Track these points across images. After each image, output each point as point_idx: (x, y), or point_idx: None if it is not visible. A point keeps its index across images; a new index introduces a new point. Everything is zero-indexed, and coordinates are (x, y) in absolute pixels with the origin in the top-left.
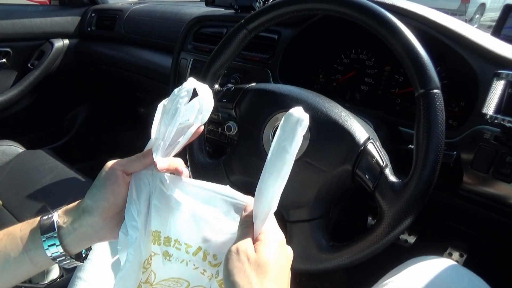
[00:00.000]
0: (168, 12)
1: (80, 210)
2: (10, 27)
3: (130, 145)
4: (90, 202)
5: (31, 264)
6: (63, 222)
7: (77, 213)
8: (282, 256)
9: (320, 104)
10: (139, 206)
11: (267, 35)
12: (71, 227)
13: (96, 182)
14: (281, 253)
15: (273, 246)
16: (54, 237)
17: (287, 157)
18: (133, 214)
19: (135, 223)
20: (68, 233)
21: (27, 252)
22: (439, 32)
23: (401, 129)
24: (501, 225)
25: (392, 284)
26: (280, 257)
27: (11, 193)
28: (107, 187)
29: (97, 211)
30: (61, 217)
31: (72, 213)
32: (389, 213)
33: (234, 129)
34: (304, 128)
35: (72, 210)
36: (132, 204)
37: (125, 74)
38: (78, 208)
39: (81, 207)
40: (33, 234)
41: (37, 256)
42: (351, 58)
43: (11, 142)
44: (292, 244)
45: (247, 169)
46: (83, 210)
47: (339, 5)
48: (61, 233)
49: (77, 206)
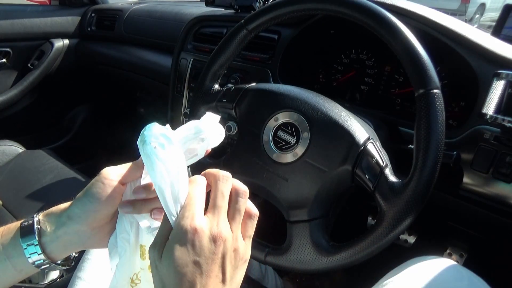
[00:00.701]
0: (168, 12)
1: (64, 217)
2: (10, 27)
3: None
4: (78, 211)
5: (15, 271)
6: (45, 228)
7: (61, 219)
8: (188, 254)
9: (320, 104)
10: (132, 217)
11: (267, 35)
12: (54, 235)
13: (88, 191)
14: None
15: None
16: (36, 245)
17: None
18: (126, 226)
19: (127, 236)
20: (51, 241)
21: (9, 259)
22: (439, 32)
23: (401, 129)
24: (501, 225)
25: (392, 284)
26: (184, 256)
27: (11, 193)
28: (100, 199)
29: (85, 220)
30: (42, 222)
31: (56, 218)
32: (389, 213)
33: (234, 129)
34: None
35: (56, 216)
36: (126, 215)
37: (125, 74)
38: (62, 214)
39: (65, 213)
40: (13, 241)
41: (20, 264)
42: (351, 58)
43: (11, 142)
44: (292, 244)
45: (247, 169)
46: (68, 217)
47: (339, 5)
48: (43, 241)
49: (61, 212)
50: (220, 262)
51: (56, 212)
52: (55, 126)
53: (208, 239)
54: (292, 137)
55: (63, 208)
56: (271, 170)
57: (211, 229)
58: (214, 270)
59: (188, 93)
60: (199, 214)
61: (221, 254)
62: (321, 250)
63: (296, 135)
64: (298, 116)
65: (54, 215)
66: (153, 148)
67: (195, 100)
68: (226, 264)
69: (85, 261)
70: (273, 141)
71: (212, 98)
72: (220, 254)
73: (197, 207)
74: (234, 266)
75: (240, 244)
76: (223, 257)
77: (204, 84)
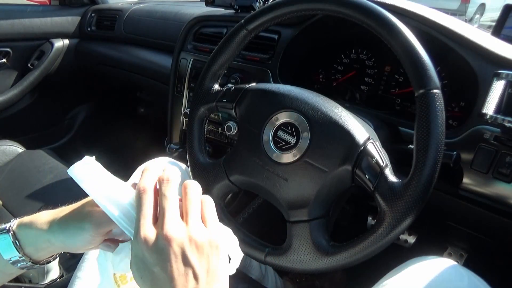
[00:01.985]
0: (168, 12)
1: (44, 240)
2: (10, 27)
3: (130, 145)
4: (57, 243)
5: (4, 275)
6: (24, 241)
7: (42, 239)
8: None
9: (320, 104)
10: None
11: (267, 35)
12: (36, 247)
13: (73, 237)
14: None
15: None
16: (21, 260)
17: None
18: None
19: (104, 263)
20: (36, 252)
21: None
22: (439, 32)
23: (401, 129)
24: (501, 225)
25: (392, 284)
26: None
27: (11, 193)
28: (80, 247)
29: (64, 248)
30: (21, 237)
31: (34, 237)
32: (389, 213)
33: (234, 129)
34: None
35: (34, 235)
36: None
37: (125, 74)
38: (42, 236)
39: (45, 237)
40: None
41: (9, 270)
42: (351, 58)
43: (11, 142)
44: (292, 244)
45: (247, 169)
46: (48, 240)
47: (339, 5)
48: (27, 252)
49: (40, 233)
50: (180, 260)
51: (33, 228)
52: (55, 126)
53: (155, 244)
54: (292, 137)
55: (42, 226)
56: (271, 170)
57: (158, 234)
58: (176, 270)
59: (188, 93)
60: (146, 224)
61: (177, 252)
62: (321, 250)
63: (296, 135)
64: (298, 116)
65: (33, 233)
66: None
67: (195, 100)
68: (189, 258)
69: (85, 261)
70: (273, 141)
71: (212, 98)
72: (174, 254)
73: (145, 218)
74: (202, 256)
75: (197, 233)
76: (182, 253)
77: (204, 84)
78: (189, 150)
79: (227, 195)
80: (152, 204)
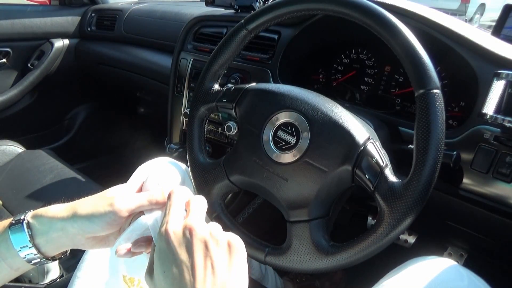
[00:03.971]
0: (168, 12)
1: (57, 229)
2: (10, 27)
3: (130, 145)
4: (75, 231)
5: (11, 270)
6: (37, 230)
7: (56, 225)
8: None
9: (320, 104)
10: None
11: (267, 35)
12: (47, 237)
13: (95, 218)
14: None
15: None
16: (30, 247)
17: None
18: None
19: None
20: (45, 243)
21: (4, 260)
22: (439, 32)
23: (401, 129)
24: (501, 225)
25: (392, 284)
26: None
27: (11, 193)
28: (104, 228)
29: (82, 237)
30: (34, 226)
31: (48, 224)
32: (389, 213)
33: (234, 129)
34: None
35: (48, 222)
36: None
37: (125, 74)
38: (56, 224)
39: (59, 225)
40: (6, 244)
41: (16, 263)
42: (351, 58)
43: (11, 142)
44: (292, 244)
45: (247, 169)
46: (62, 229)
47: (339, 5)
48: (36, 243)
49: (55, 221)
50: (202, 251)
51: (48, 220)
52: (55, 126)
53: (180, 235)
54: (292, 137)
55: (56, 214)
56: (271, 170)
57: (184, 226)
58: (198, 259)
59: (188, 93)
60: (174, 219)
61: (200, 243)
62: (321, 250)
63: (296, 135)
64: (298, 116)
65: (45, 221)
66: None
67: (195, 100)
68: (211, 251)
69: (85, 261)
70: (273, 141)
71: (212, 98)
72: (197, 244)
73: (172, 214)
74: (221, 252)
75: (217, 231)
76: (204, 245)
77: (204, 84)
78: (189, 150)
79: (227, 195)
80: (179, 204)
